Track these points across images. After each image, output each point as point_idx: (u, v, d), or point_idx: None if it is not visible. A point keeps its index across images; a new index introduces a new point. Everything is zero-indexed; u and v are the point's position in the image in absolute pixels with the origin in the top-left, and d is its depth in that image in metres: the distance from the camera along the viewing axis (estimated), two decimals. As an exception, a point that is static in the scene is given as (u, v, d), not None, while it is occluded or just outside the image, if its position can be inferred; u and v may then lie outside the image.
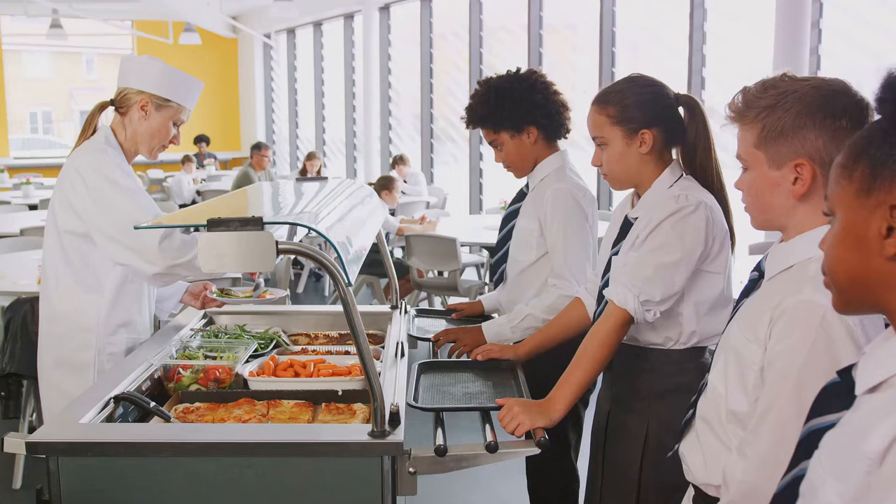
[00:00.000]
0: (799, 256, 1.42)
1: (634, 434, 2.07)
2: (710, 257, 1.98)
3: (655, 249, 1.96)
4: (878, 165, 0.98)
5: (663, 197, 2.01)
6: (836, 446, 0.98)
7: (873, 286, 1.01)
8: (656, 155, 2.06)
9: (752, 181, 1.50)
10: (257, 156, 8.77)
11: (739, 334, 1.45)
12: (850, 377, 1.03)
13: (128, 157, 2.54)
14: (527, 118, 2.56)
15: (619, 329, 1.98)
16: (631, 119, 2.03)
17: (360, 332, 1.74)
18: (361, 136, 11.99)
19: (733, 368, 1.46)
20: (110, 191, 2.39)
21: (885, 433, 0.89)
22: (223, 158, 14.68)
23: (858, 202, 1.01)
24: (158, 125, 2.51)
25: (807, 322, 1.32)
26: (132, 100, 2.49)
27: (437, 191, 9.82)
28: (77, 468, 1.76)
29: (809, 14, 5.75)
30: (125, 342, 2.49)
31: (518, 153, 2.61)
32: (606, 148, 2.08)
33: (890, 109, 0.99)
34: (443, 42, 10.82)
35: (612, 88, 2.09)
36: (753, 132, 1.47)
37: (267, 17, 12.30)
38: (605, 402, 2.22)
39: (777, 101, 1.44)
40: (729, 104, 1.52)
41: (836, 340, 1.30)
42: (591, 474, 2.28)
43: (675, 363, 2.05)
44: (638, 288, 1.95)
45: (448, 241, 5.86)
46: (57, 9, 11.05)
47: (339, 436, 1.81)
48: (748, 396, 1.42)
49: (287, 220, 1.74)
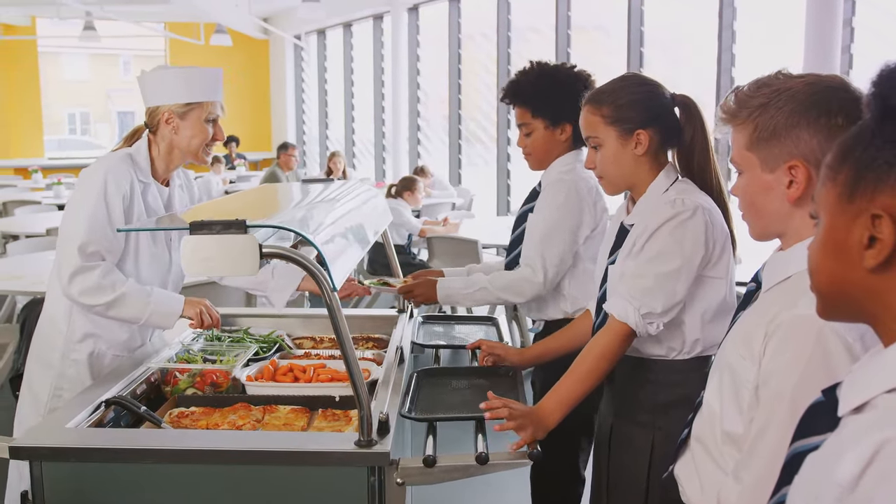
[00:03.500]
0: (797, 266, 1.32)
1: (640, 447, 2.00)
2: (711, 262, 1.91)
3: (654, 258, 1.89)
4: (863, 168, 0.91)
5: (659, 202, 1.94)
6: (813, 471, 0.91)
7: (854, 296, 0.94)
8: (652, 156, 1.99)
9: (746, 186, 1.42)
10: (284, 156, 8.81)
11: (734, 350, 1.37)
12: (834, 396, 0.96)
13: (161, 169, 2.49)
14: (569, 115, 2.47)
15: (620, 343, 1.91)
16: (626, 119, 1.96)
17: (346, 338, 1.69)
18: (390, 136, 11.99)
19: (728, 386, 1.38)
20: (76, 203, 2.38)
21: (858, 458, 0.82)
22: (254, 159, 14.75)
23: (840, 207, 0.94)
24: (191, 131, 2.43)
25: (802, 338, 1.23)
26: (156, 117, 2.44)
27: (464, 192, 9.77)
28: (61, 473, 1.75)
29: (841, 12, 5.61)
30: (89, 351, 2.43)
31: (545, 145, 2.53)
32: (601, 149, 2.01)
33: (879, 106, 0.91)
34: (471, 43, 10.78)
35: (606, 88, 2.02)
36: (745, 133, 1.39)
37: (297, 19, 12.32)
38: (608, 414, 2.15)
39: (769, 99, 1.36)
40: (721, 104, 1.44)
41: (833, 357, 1.20)
42: (594, 487, 2.22)
43: (678, 373, 1.98)
44: (638, 300, 1.87)
45: (470, 243, 5.81)
46: (90, 11, 11.18)
47: (325, 445, 1.77)
48: (743, 416, 1.34)
49: (271, 223, 1.70)
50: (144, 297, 2.35)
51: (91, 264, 2.31)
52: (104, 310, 2.33)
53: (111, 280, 2.32)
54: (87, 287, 2.30)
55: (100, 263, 2.32)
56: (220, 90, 2.50)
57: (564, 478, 2.57)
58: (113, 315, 2.35)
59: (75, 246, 2.30)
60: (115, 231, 2.33)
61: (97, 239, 2.31)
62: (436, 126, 11.71)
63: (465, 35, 10.64)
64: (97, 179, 2.34)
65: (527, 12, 9.69)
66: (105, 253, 2.34)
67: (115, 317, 2.36)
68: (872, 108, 0.92)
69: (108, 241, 2.34)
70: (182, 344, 2.54)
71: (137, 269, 2.43)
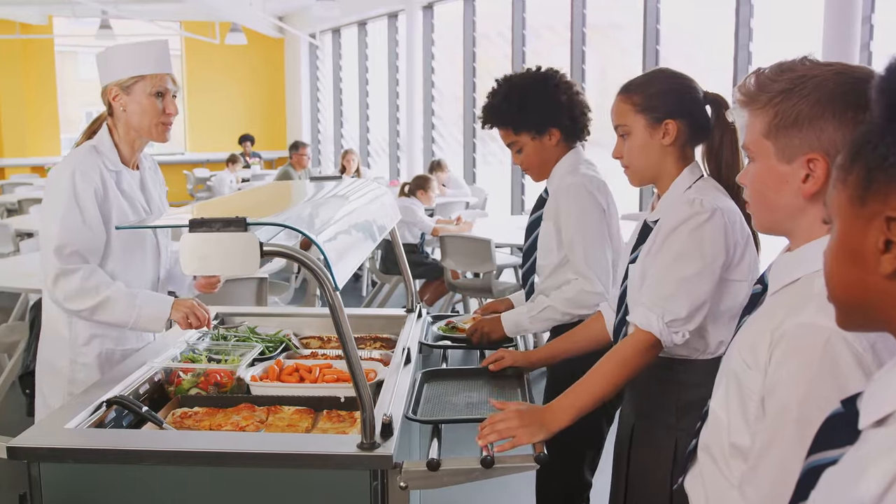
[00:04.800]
0: (806, 268, 1.24)
1: (663, 449, 1.95)
2: (732, 265, 1.86)
3: (672, 264, 1.84)
4: (874, 168, 0.84)
5: (679, 200, 1.90)
6: (832, 487, 0.85)
7: (872, 304, 0.88)
8: (678, 149, 1.96)
9: (757, 175, 1.33)
10: (296, 155, 8.80)
11: (739, 357, 1.29)
12: (854, 408, 0.89)
13: (127, 153, 2.44)
14: (551, 119, 2.46)
15: (644, 352, 1.86)
16: (655, 108, 1.93)
17: (349, 338, 1.66)
18: (405, 135, 11.95)
19: (734, 396, 1.30)
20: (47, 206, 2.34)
21: (881, 475, 0.76)
22: (269, 158, 14.77)
23: (853, 211, 0.87)
24: (140, 106, 2.35)
25: (809, 347, 1.15)
26: (106, 97, 2.39)
27: (478, 191, 9.73)
28: (59, 474, 1.72)
29: (860, 9, 5.51)
30: (97, 352, 2.39)
31: (539, 156, 2.51)
32: (628, 138, 1.97)
33: (886, 101, 0.84)
34: (486, 41, 10.72)
35: (639, 78, 2.00)
36: (764, 119, 1.29)
37: (312, 17, 12.31)
38: (630, 416, 2.11)
39: (793, 85, 1.27)
40: (739, 86, 1.35)
41: (842, 368, 1.12)
42: (613, 488, 2.17)
43: (702, 374, 1.92)
44: (661, 307, 1.83)
45: (483, 242, 5.77)
46: (106, 10, 11.21)
47: (327, 447, 1.74)
48: (749, 428, 1.27)
49: (272, 220, 1.67)
50: (131, 299, 2.30)
51: (72, 267, 2.26)
52: (90, 314, 2.29)
53: (94, 283, 2.28)
54: (70, 291, 2.26)
55: (81, 266, 2.27)
56: (167, 62, 2.41)
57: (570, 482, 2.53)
58: (99, 319, 2.31)
59: (51, 249, 2.26)
60: (91, 229, 2.28)
61: (73, 240, 2.27)
62: (450, 124, 11.67)
63: (480, 33, 10.59)
64: (65, 179, 2.29)
65: (542, 10, 9.63)
66: (86, 253, 2.29)
67: (101, 321, 2.32)
68: (880, 104, 0.86)
69: (85, 240, 2.29)
70: (187, 343, 2.51)
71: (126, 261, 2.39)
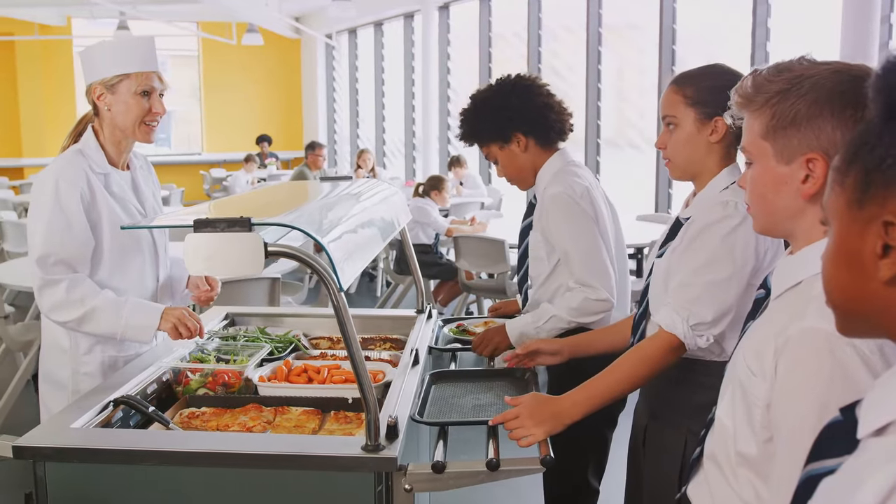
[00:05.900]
0: (808, 271, 1.21)
1: (673, 449, 1.93)
2: (761, 270, 1.83)
3: (702, 267, 1.82)
4: (872, 170, 0.82)
5: (712, 200, 1.88)
6: (829, 497, 0.83)
7: (871, 310, 0.85)
8: (724, 148, 1.92)
9: (757, 177, 1.31)
10: (312, 156, 8.82)
11: (744, 365, 1.26)
12: (853, 416, 0.86)
13: (114, 154, 2.36)
14: (508, 126, 2.45)
15: (666, 353, 1.84)
16: (707, 102, 1.89)
17: (353, 339, 1.65)
18: (420, 135, 11.95)
19: (740, 404, 1.27)
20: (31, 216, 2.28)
21: (879, 486, 0.73)
22: (285, 158, 14.79)
23: (850, 215, 0.85)
24: (124, 105, 2.28)
25: (815, 354, 1.12)
26: (91, 97, 2.33)
27: (493, 192, 9.70)
28: (64, 474, 1.72)
29: (879, 8, 5.45)
30: (100, 361, 2.33)
31: (512, 164, 2.51)
32: (675, 130, 1.94)
33: (883, 101, 0.82)
34: (502, 42, 10.70)
35: (693, 71, 1.96)
36: (762, 120, 1.28)
37: (328, 18, 12.34)
38: (643, 415, 2.09)
39: (791, 85, 1.26)
40: (737, 88, 1.34)
41: (850, 371, 1.09)
42: (628, 490, 2.15)
43: (716, 375, 1.90)
44: (687, 310, 1.81)
45: (496, 243, 5.75)
46: (123, 11, 11.28)
47: (332, 449, 1.72)
48: (756, 437, 1.24)
49: (277, 221, 1.66)
50: (117, 309, 2.23)
51: (56, 278, 2.20)
52: (76, 325, 2.23)
53: (79, 294, 2.21)
54: (55, 303, 2.21)
55: (66, 277, 2.20)
56: (154, 60, 2.33)
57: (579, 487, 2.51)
58: (87, 331, 2.25)
59: (34, 259, 2.21)
60: (78, 237, 2.22)
61: (57, 249, 2.20)
62: (466, 125, 11.63)
63: (496, 34, 10.57)
64: (48, 186, 2.22)
65: (558, 10, 9.59)
66: (72, 262, 2.22)
67: (89, 332, 2.26)
68: (877, 103, 0.83)
69: (71, 248, 2.22)
70: (196, 343, 2.50)
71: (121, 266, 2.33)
